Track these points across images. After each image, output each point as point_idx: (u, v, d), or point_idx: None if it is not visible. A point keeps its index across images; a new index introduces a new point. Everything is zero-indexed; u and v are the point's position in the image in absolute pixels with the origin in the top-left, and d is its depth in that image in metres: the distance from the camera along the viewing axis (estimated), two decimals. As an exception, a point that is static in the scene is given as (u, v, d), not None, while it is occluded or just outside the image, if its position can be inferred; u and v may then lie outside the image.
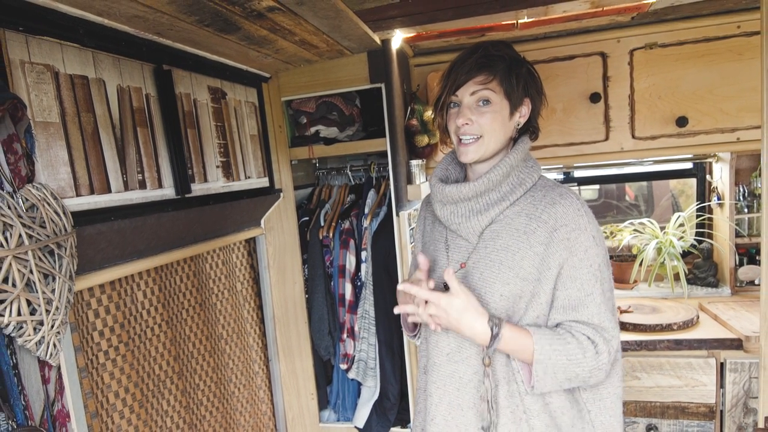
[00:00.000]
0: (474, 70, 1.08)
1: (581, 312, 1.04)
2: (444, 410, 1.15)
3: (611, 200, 3.67)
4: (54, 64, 1.14)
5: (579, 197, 1.09)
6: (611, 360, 1.06)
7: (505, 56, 1.10)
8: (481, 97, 1.09)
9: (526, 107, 1.14)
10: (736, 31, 1.98)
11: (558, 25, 1.98)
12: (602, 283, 1.05)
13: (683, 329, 1.93)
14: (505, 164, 1.10)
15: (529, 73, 1.13)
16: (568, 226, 1.04)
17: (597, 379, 1.06)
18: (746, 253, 2.30)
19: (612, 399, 1.13)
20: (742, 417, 1.83)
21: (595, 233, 1.07)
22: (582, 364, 1.02)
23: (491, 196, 1.10)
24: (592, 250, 1.05)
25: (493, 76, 1.08)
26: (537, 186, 1.12)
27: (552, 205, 1.06)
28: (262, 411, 2.17)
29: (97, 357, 1.38)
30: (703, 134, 2.07)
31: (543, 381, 1.03)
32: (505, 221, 1.10)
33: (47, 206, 1.00)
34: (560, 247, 1.04)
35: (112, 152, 1.29)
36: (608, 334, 1.04)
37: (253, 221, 2.12)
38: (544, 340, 1.02)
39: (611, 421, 1.13)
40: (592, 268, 1.04)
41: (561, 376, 1.03)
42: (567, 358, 1.01)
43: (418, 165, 2.12)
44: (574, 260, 1.04)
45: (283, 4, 1.31)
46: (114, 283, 1.44)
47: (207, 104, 1.70)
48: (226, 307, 1.96)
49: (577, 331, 1.03)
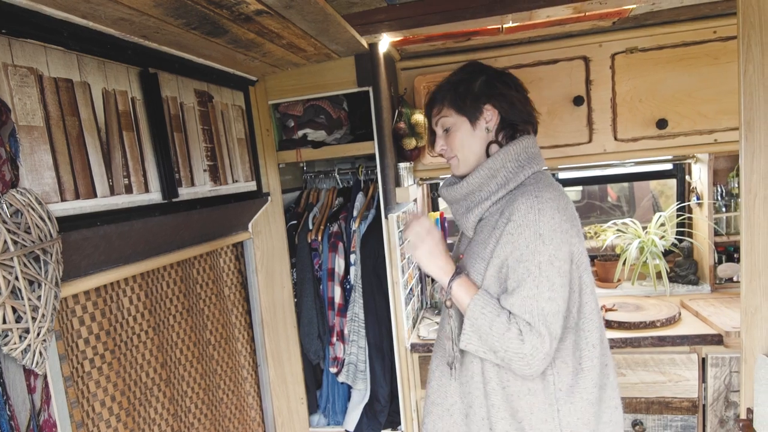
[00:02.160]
0: (429, 106, 1.31)
1: (507, 300, 1.10)
2: (434, 368, 1.33)
3: (594, 201, 3.73)
4: (38, 67, 1.12)
5: (541, 195, 1.10)
6: (537, 356, 1.06)
7: (449, 81, 1.27)
8: (443, 125, 1.28)
9: (491, 112, 1.23)
10: (712, 36, 2.04)
11: (542, 30, 2.01)
12: (537, 280, 1.07)
13: (666, 326, 1.98)
14: (484, 167, 1.21)
15: (486, 82, 1.23)
16: (516, 221, 1.10)
17: (520, 369, 1.08)
18: (725, 251, 2.36)
19: (583, 405, 1.15)
20: (723, 410, 1.88)
21: (544, 231, 1.08)
22: (501, 341, 1.07)
23: (478, 195, 1.23)
24: (534, 247, 1.08)
25: (442, 104, 1.26)
26: (523, 184, 1.18)
27: (513, 201, 1.13)
28: (251, 417, 2.15)
29: (83, 365, 1.36)
30: (682, 136, 2.12)
31: (468, 337, 1.12)
32: (488, 218, 1.22)
33: (32, 211, 0.99)
34: (504, 240, 1.12)
35: (98, 156, 1.27)
36: (535, 330, 1.06)
37: (241, 225, 2.10)
38: (481, 301, 1.11)
39: (578, 423, 1.15)
40: (528, 263, 1.08)
41: (485, 343, 1.11)
42: (490, 327, 1.09)
43: (406, 168, 2.13)
44: (516, 253, 1.10)
45: (272, 8, 1.31)
46: (99, 289, 1.42)
47: (194, 108, 1.69)
48: (213, 313, 1.94)
49: (517, 315, 1.09)
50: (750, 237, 0.90)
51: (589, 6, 1.69)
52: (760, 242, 0.89)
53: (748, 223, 0.90)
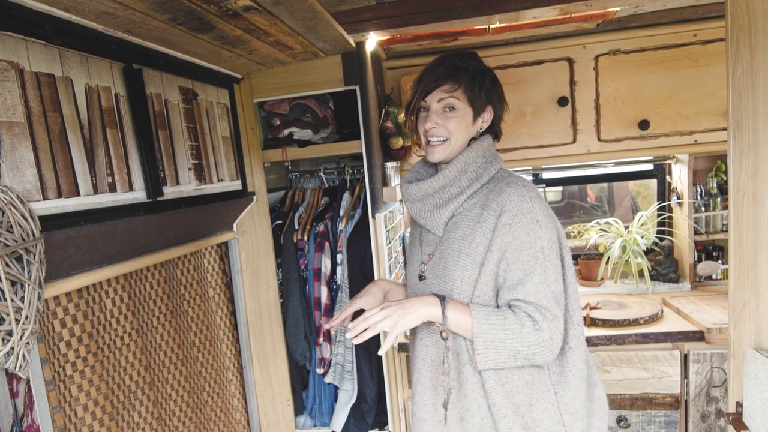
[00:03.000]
0: (441, 79, 1.20)
1: (520, 290, 1.10)
2: (420, 390, 1.26)
3: (574, 201, 3.79)
4: (18, 61, 1.08)
5: (527, 184, 1.16)
6: (556, 339, 1.09)
7: (469, 67, 1.21)
8: (447, 104, 1.20)
9: (489, 113, 1.25)
10: (692, 39, 2.09)
11: (527, 31, 2.03)
12: (543, 264, 1.10)
13: (649, 323, 2.01)
14: (460, 160, 1.20)
15: (493, 82, 1.24)
16: (511, 211, 1.11)
17: (543, 358, 1.10)
18: (704, 250, 2.42)
19: (576, 382, 1.18)
20: (705, 405, 1.92)
21: (540, 217, 1.12)
22: (520, 338, 1.07)
23: (451, 191, 1.21)
24: (534, 233, 1.10)
25: (458, 86, 1.19)
26: (494, 179, 1.21)
27: (499, 193, 1.14)
28: (237, 419, 2.11)
29: (65, 369, 1.31)
30: (663, 137, 2.16)
31: (485, 355, 1.09)
32: (464, 213, 1.20)
33: (14, 210, 0.95)
34: (503, 232, 1.11)
35: (81, 154, 1.24)
36: (549, 314, 1.08)
37: (225, 225, 2.07)
38: (482, 315, 1.09)
39: (575, 404, 1.17)
40: (533, 250, 1.10)
41: (503, 351, 1.08)
42: (504, 332, 1.07)
43: (393, 167, 2.13)
44: (516, 243, 1.10)
45: (260, 4, 1.29)
46: (82, 290, 1.38)
47: (178, 105, 1.65)
48: (198, 314, 1.90)
49: (518, 308, 1.09)
50: (738, 234, 0.92)
51: (574, 8, 1.71)
52: (749, 239, 0.91)
53: (736, 221, 0.93)
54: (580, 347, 1.20)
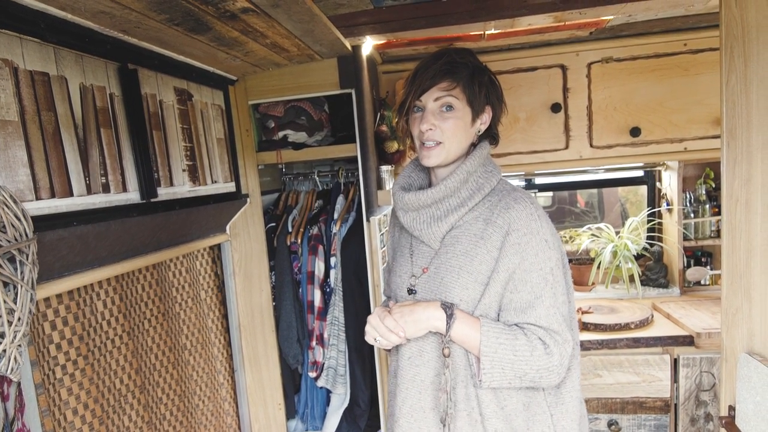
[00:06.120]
0: (438, 76, 1.10)
1: (530, 314, 1.05)
2: (407, 412, 1.15)
3: (564, 206, 3.82)
4: (13, 59, 1.07)
5: (534, 201, 1.10)
6: (564, 364, 1.05)
7: (468, 64, 1.12)
8: (445, 103, 1.11)
9: (488, 115, 1.16)
10: (683, 49, 2.12)
11: (522, 38, 2.05)
12: (553, 287, 1.06)
13: (640, 328, 2.03)
14: (462, 170, 1.12)
15: (491, 81, 1.16)
16: (520, 230, 1.05)
17: (549, 381, 1.06)
18: (693, 255, 2.46)
19: (573, 403, 1.14)
20: (694, 409, 1.94)
21: (548, 237, 1.07)
22: (530, 362, 1.02)
23: (450, 202, 1.12)
24: (544, 254, 1.05)
25: (456, 83, 1.10)
26: (495, 190, 1.14)
27: (506, 209, 1.07)
28: (228, 424, 2.09)
29: (54, 372, 1.29)
30: (654, 144, 2.19)
31: (491, 374, 1.03)
32: (465, 226, 1.12)
33: (6, 209, 0.93)
34: (512, 252, 1.05)
35: (75, 154, 1.22)
36: (560, 338, 1.04)
37: (218, 227, 2.06)
38: (492, 332, 1.03)
39: (572, 425, 1.14)
40: (542, 272, 1.05)
41: (509, 372, 1.03)
42: (514, 354, 1.02)
43: (388, 171, 2.14)
44: (525, 264, 1.05)
45: (258, 6, 1.28)
46: (72, 292, 1.36)
47: (173, 106, 1.64)
48: (190, 317, 1.88)
49: (530, 330, 1.04)
50: (731, 240, 0.94)
51: (569, 15, 1.74)
52: (741, 245, 0.92)
53: (729, 227, 0.94)
54: (578, 368, 1.16)
